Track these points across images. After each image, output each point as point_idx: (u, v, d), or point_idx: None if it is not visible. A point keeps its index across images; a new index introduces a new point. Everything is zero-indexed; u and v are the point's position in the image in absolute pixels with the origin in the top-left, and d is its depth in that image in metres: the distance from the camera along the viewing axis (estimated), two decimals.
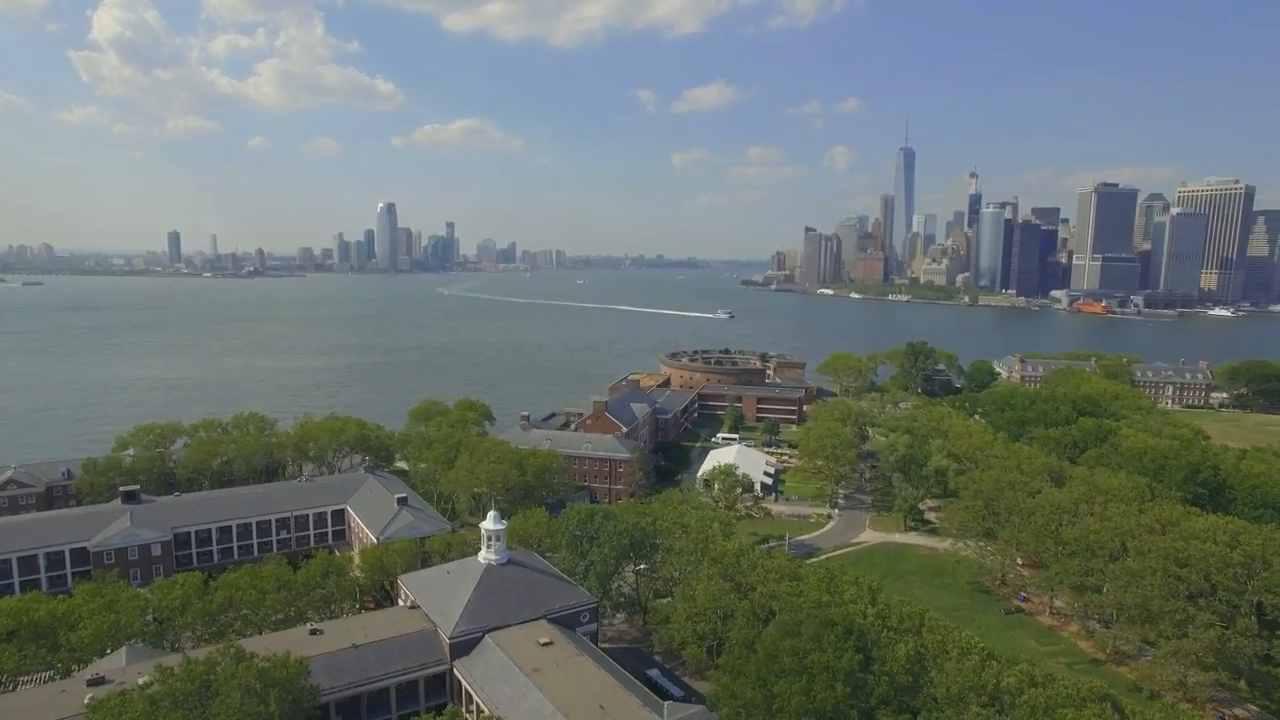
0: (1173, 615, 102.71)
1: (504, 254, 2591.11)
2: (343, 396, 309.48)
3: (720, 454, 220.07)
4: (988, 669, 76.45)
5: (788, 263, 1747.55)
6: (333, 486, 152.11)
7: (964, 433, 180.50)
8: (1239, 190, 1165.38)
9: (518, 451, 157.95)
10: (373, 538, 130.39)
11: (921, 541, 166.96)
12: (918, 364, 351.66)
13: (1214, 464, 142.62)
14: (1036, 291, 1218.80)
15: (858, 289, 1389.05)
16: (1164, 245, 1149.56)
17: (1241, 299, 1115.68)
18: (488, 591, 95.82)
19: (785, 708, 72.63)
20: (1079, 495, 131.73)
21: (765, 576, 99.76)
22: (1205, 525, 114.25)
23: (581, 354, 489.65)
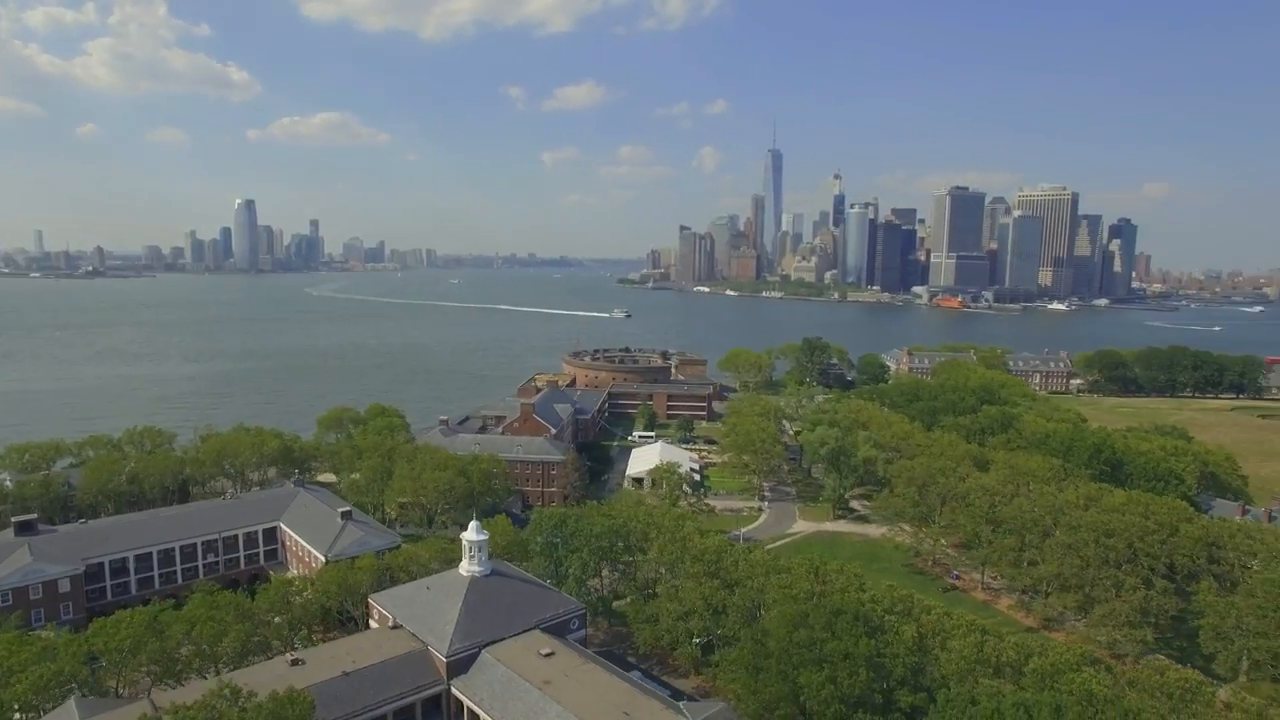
0: (1105, 581, 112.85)
1: (372, 253, 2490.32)
2: (231, 406, 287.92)
3: (643, 452, 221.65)
4: (988, 644, 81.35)
5: (662, 261, 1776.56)
6: (261, 503, 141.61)
7: (885, 423, 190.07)
8: (1067, 196, 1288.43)
9: (458, 458, 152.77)
10: (319, 556, 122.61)
11: (852, 529, 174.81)
12: (814, 358, 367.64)
13: (1111, 444, 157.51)
14: (899, 287, 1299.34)
15: (733, 286, 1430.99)
16: (1008, 245, 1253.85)
17: (1071, 294, 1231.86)
18: (477, 605, 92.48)
19: (814, 697, 74.37)
20: (1004, 478, 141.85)
21: (752, 570, 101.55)
22: (1121, 499, 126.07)
23: (471, 355, 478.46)
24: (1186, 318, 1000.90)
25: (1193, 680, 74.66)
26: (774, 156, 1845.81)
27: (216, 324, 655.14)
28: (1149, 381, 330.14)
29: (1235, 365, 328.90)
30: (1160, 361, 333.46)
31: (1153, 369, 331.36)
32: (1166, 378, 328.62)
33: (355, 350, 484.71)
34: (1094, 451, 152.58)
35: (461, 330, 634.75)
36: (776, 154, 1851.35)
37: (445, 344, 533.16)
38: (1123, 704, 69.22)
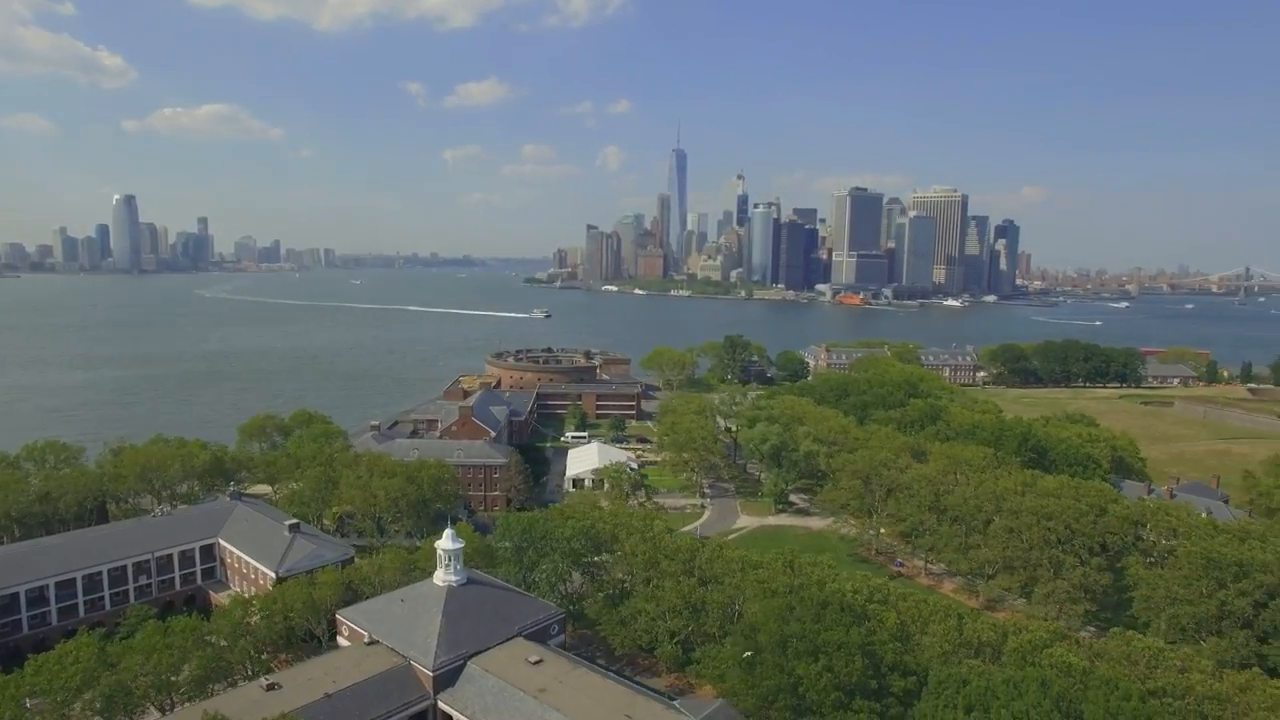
0: (1046, 562, 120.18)
1: (267, 253, 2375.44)
2: (135, 416, 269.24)
3: (580, 453, 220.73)
4: (967, 626, 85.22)
5: (569, 260, 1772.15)
6: (196, 519, 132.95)
7: (821, 419, 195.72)
8: (957, 198, 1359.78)
9: (405, 465, 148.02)
10: (268, 572, 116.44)
11: (795, 522, 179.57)
12: (735, 356, 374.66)
13: (1035, 433, 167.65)
14: (803, 285, 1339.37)
15: (641, 285, 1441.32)
16: (904, 244, 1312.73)
17: (963, 291, 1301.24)
18: (457, 615, 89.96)
19: (812, 688, 76.03)
20: (944, 468, 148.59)
21: (728, 567, 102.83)
22: (1054, 484, 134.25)
23: (385, 358, 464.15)
24: (1065, 313, 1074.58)
25: (1154, 648, 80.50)
26: (678, 156, 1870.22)
27: (103, 328, 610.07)
28: (1046, 373, 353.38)
29: (1119, 357, 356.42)
30: (1056, 354, 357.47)
31: (1049, 361, 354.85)
32: (1061, 369, 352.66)
33: (261, 354, 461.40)
34: (1021, 440, 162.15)
35: (371, 332, 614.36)
36: (681, 154, 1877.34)
37: (356, 347, 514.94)
38: (1098, 674, 73.88)
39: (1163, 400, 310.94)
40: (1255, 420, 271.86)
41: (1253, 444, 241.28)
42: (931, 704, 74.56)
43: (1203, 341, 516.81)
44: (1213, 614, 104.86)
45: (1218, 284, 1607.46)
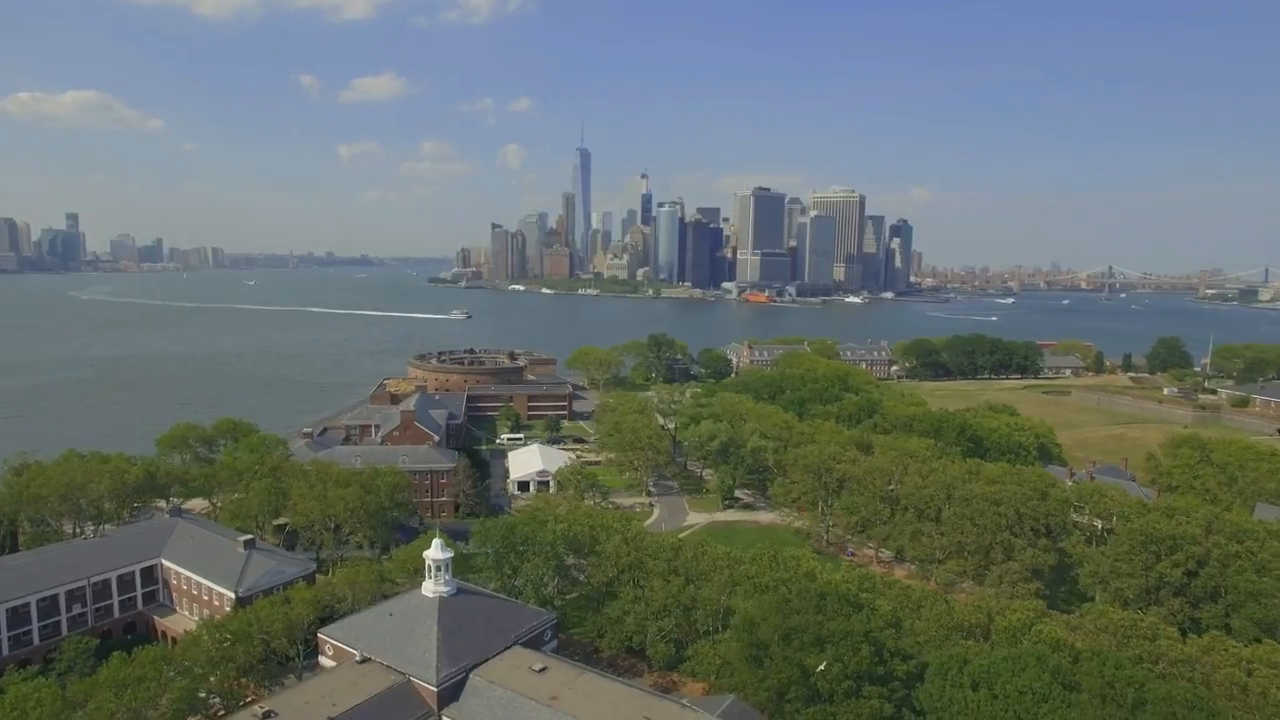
0: (1000, 545, 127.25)
1: (148, 251, 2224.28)
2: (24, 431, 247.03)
3: (521, 456, 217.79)
4: (954, 610, 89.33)
5: (473, 259, 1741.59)
6: (133, 540, 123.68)
7: (763, 415, 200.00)
8: (855, 198, 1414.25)
9: (360, 473, 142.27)
10: (225, 593, 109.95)
11: (744, 517, 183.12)
12: (660, 354, 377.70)
13: (970, 424, 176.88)
14: (709, 283, 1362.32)
15: (548, 284, 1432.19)
16: (806, 243, 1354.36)
17: (861, 288, 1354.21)
18: (452, 627, 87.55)
19: (824, 677, 78.06)
20: (893, 459, 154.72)
21: (714, 564, 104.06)
22: (998, 471, 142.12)
23: (295, 362, 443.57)
24: (957, 309, 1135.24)
25: (1129, 619, 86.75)
26: (582, 155, 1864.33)
27: None
28: (956, 366, 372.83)
29: (1020, 350, 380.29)
30: (964, 348, 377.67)
31: (958, 355, 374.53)
32: (969, 362, 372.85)
33: (157, 360, 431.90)
34: (959, 431, 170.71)
35: (273, 335, 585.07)
36: (585, 153, 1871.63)
37: (260, 350, 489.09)
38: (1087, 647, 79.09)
39: (1061, 390, 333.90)
40: (1141, 406, 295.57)
41: (1143, 428, 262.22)
42: (938, 685, 77.94)
43: (1081, 334, 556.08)
44: (1151, 585, 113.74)
45: (1086, 281, 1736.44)
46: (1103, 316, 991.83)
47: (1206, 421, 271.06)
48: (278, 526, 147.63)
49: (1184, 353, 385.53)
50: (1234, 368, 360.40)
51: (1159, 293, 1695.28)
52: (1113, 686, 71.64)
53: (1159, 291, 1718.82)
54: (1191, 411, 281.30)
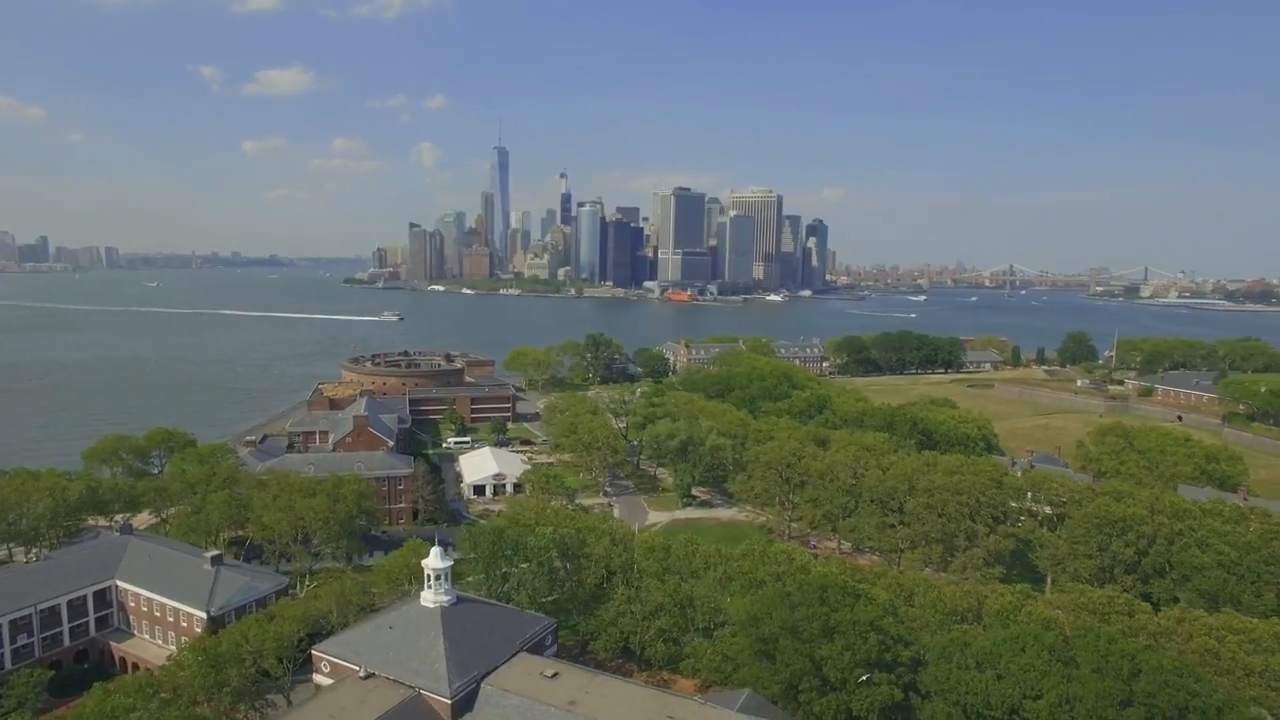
0: (964, 533, 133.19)
1: (31, 250, 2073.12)
2: None
3: (473, 459, 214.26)
4: (946, 597, 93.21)
5: (389, 259, 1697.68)
6: (81, 561, 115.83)
7: (718, 413, 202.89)
8: (773, 198, 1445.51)
9: (323, 482, 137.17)
10: (195, 613, 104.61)
11: (704, 515, 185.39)
12: (598, 354, 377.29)
13: (921, 418, 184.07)
14: (630, 283, 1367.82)
15: (469, 284, 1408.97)
16: (726, 242, 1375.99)
17: (780, 286, 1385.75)
18: (458, 637, 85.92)
19: (836, 667, 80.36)
20: (853, 454, 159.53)
21: (707, 561, 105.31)
22: (955, 462, 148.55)
23: (213, 367, 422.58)
24: (873, 306, 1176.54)
25: (1107, 596, 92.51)
26: (500, 154, 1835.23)
27: None
28: (885, 362, 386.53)
29: (945, 345, 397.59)
30: (893, 344, 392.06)
31: (887, 351, 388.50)
32: (897, 358, 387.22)
33: (57, 367, 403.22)
34: (912, 425, 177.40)
35: (185, 339, 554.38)
36: (503, 151, 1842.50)
37: (174, 356, 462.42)
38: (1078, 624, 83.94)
39: (984, 383, 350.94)
40: (1059, 397, 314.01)
41: (1065, 418, 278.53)
42: (943, 668, 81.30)
43: (993, 330, 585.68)
44: (1105, 564, 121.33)
45: (990, 279, 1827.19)
46: (1008, 312, 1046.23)
47: (1117, 410, 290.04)
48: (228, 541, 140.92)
49: (1090, 346, 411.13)
50: (1133, 360, 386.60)
51: (1054, 289, 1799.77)
52: (1107, 660, 76.33)
53: (1054, 288, 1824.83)
54: (1104, 401, 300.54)
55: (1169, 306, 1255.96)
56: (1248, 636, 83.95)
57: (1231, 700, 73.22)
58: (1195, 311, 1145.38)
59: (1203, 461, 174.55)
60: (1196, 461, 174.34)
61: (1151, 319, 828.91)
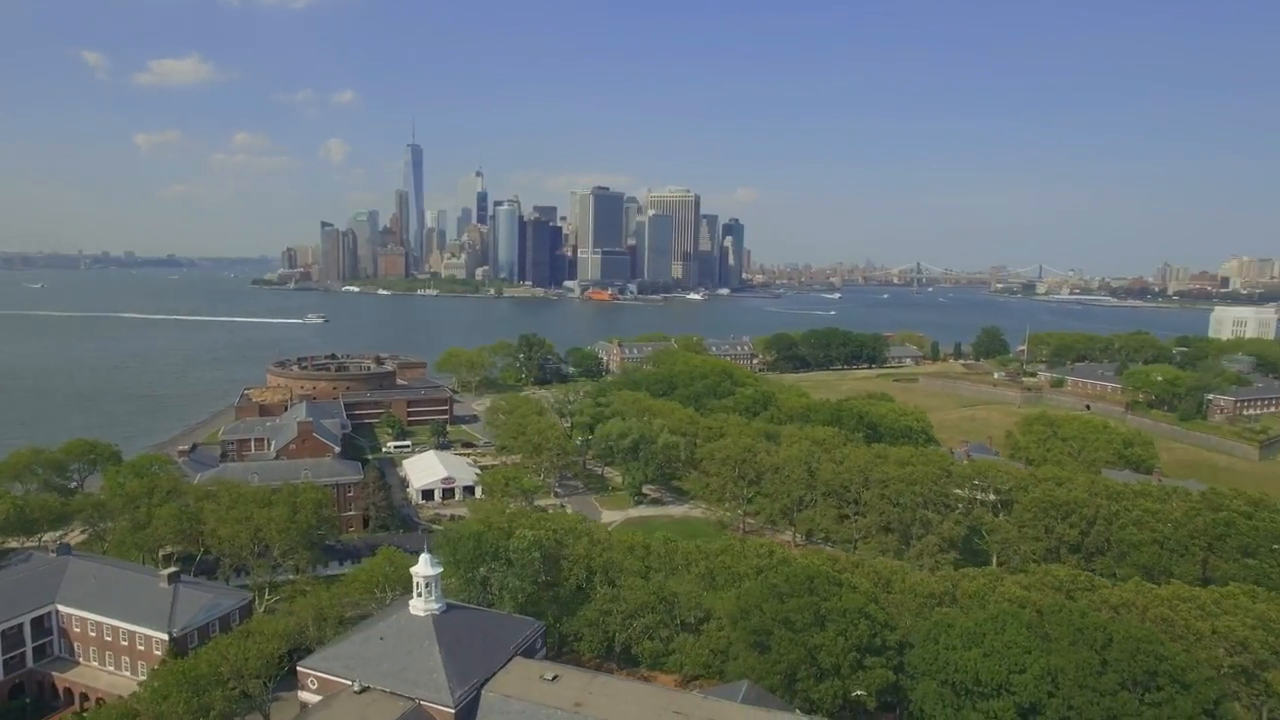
0: (920, 521, 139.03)
1: None
2: None
3: (418, 463, 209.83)
4: (924, 583, 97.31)
5: (300, 259, 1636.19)
6: (11, 587, 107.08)
7: (666, 411, 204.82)
8: (690, 198, 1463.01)
9: (279, 492, 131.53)
10: (155, 635, 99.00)
11: (655, 512, 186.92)
12: (532, 354, 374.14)
13: (866, 412, 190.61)
14: (549, 282, 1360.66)
15: (385, 285, 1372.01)
16: (645, 241, 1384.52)
17: (699, 285, 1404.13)
18: (453, 644, 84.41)
19: (830, 653, 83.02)
20: (806, 449, 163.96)
21: (689, 558, 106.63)
22: (905, 454, 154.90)
23: (119, 374, 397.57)
24: (789, 303, 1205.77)
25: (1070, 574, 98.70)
26: (414, 151, 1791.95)
27: None
28: (813, 358, 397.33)
29: (869, 342, 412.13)
30: (820, 341, 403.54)
31: (815, 348, 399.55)
32: (824, 354, 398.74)
33: None
34: (858, 419, 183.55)
35: (84, 344, 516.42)
36: (416, 149, 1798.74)
37: (71, 362, 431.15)
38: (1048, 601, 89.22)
39: (909, 377, 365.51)
40: (979, 390, 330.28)
41: (987, 409, 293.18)
42: (931, 649, 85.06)
43: (908, 325, 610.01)
44: (1052, 545, 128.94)
45: (898, 277, 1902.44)
46: (918, 309, 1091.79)
47: (1032, 401, 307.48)
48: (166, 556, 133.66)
49: (1003, 341, 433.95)
50: (1040, 354, 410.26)
51: (958, 286, 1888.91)
52: (1082, 632, 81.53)
53: (958, 285, 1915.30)
54: (1020, 393, 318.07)
55: (1063, 302, 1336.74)
56: (1195, 604, 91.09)
57: (1191, 662, 79.33)
58: (1086, 307, 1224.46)
59: (1120, 447, 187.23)
60: (1115, 447, 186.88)
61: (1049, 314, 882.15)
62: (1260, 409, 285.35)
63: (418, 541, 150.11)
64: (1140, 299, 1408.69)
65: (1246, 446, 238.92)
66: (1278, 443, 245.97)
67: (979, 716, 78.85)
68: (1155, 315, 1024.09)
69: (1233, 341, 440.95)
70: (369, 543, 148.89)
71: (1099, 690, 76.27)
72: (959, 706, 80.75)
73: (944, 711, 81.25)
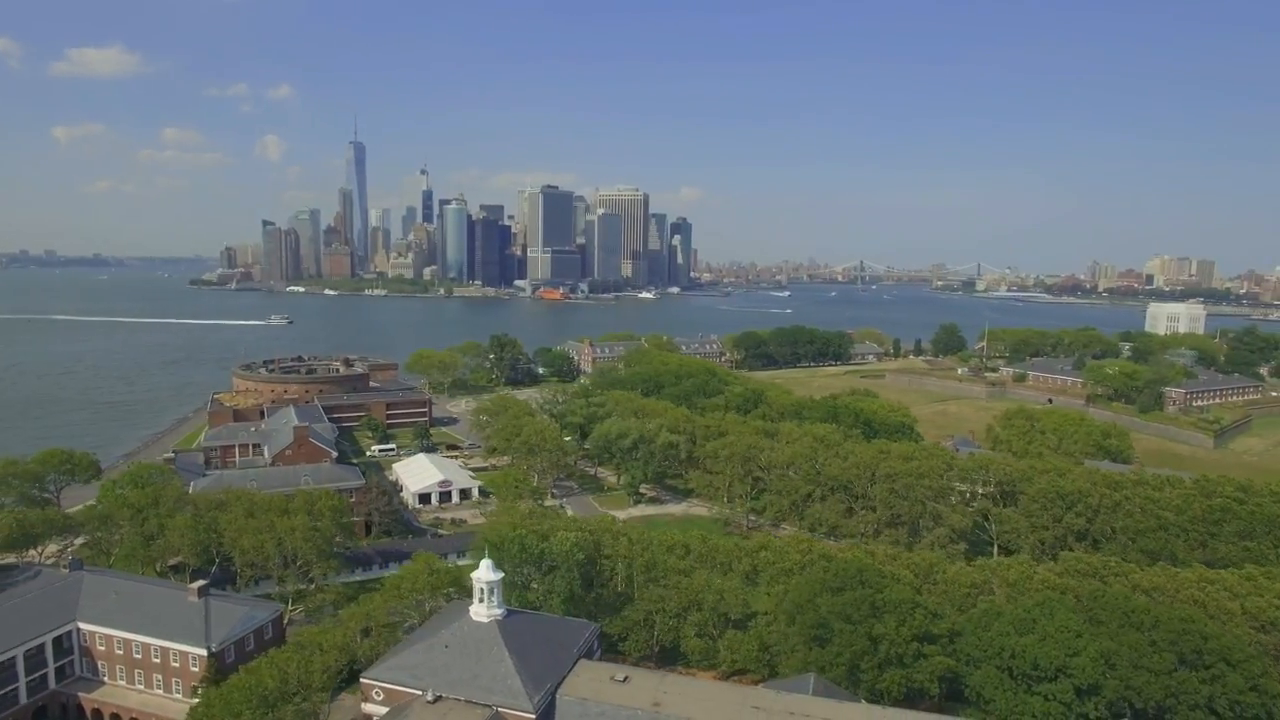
0: (930, 514, 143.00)
1: None
2: None
3: (410, 467, 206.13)
4: (963, 573, 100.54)
5: (239, 259, 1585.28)
6: (27, 606, 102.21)
7: (660, 410, 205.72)
8: (639, 197, 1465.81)
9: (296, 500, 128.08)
10: (191, 651, 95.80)
11: (655, 511, 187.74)
12: (503, 355, 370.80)
13: (861, 408, 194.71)
14: (499, 281, 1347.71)
15: (331, 285, 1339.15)
16: (594, 240, 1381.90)
17: (648, 284, 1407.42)
18: (520, 649, 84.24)
19: (891, 642, 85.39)
20: (811, 444, 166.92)
21: (730, 554, 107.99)
22: (907, 449, 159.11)
23: (63, 379, 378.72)
24: (740, 302, 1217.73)
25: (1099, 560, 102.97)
26: (356, 149, 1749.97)
27: None
28: (781, 356, 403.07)
29: (834, 340, 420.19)
30: (788, 339, 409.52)
31: (783, 346, 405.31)
32: (792, 352, 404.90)
33: None
34: (855, 415, 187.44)
35: (15, 348, 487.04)
36: (359, 146, 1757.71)
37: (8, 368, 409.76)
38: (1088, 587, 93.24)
39: (875, 374, 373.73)
40: (945, 385, 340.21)
41: (957, 404, 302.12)
42: (984, 636, 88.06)
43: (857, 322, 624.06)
44: (1060, 534, 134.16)
45: (842, 274, 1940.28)
46: (866, 306, 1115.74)
47: (997, 395, 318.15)
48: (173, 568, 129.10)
49: (961, 337, 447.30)
50: (996, 350, 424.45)
51: (900, 284, 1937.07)
52: (1129, 615, 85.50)
53: (900, 283, 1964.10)
54: (985, 388, 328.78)
55: (1003, 299, 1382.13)
56: (1221, 585, 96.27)
57: (1234, 641, 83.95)
58: (1026, 304, 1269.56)
59: (1099, 438, 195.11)
60: (1094, 439, 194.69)
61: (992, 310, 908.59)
62: (1207, 400, 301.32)
63: (428, 546, 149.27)
64: (1073, 295, 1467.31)
65: (1202, 436, 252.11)
66: (1229, 432, 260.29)
67: (1038, 700, 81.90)
68: (1090, 311, 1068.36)
69: (1173, 337, 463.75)
70: (377, 549, 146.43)
71: (1155, 670, 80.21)
72: (1016, 690, 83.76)
73: (1003, 695, 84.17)
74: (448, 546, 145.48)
